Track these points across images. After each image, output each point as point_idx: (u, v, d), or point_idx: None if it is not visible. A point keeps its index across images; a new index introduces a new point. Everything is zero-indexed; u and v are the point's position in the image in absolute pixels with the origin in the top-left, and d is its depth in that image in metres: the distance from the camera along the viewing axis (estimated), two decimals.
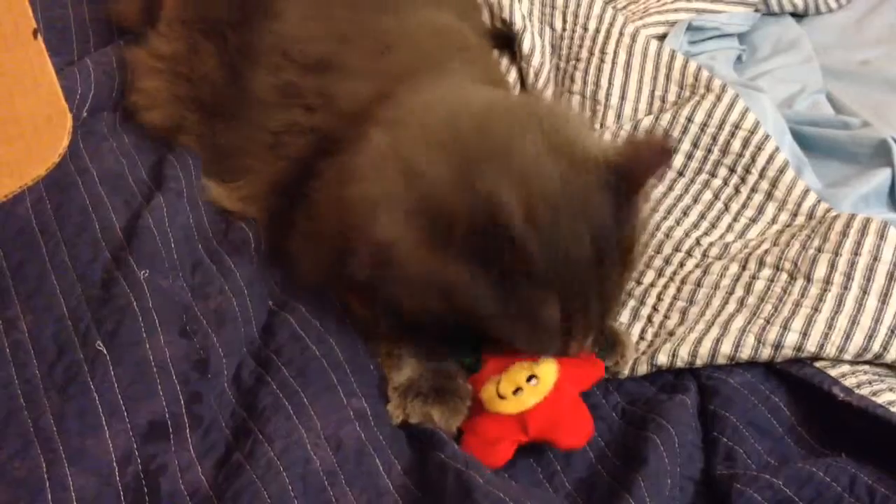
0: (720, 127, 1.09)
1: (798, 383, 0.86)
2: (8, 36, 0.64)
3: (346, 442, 0.75)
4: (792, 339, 0.86)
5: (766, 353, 0.86)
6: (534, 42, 1.23)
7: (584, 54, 1.21)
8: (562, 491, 0.79)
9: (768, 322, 0.88)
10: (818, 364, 0.86)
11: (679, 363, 0.88)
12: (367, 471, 0.74)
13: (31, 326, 0.78)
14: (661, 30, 1.30)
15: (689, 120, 1.10)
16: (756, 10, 1.37)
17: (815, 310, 0.87)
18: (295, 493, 0.71)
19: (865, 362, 0.87)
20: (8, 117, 0.64)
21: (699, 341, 0.88)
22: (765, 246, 0.99)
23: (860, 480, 0.75)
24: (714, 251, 1.02)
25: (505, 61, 1.24)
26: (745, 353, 0.86)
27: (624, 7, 1.35)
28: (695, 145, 1.10)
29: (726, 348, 0.87)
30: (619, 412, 0.86)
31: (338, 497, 0.72)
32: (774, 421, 0.84)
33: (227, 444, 0.76)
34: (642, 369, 0.89)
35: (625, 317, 0.96)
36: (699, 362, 0.87)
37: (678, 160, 1.10)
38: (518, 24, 1.23)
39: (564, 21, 1.26)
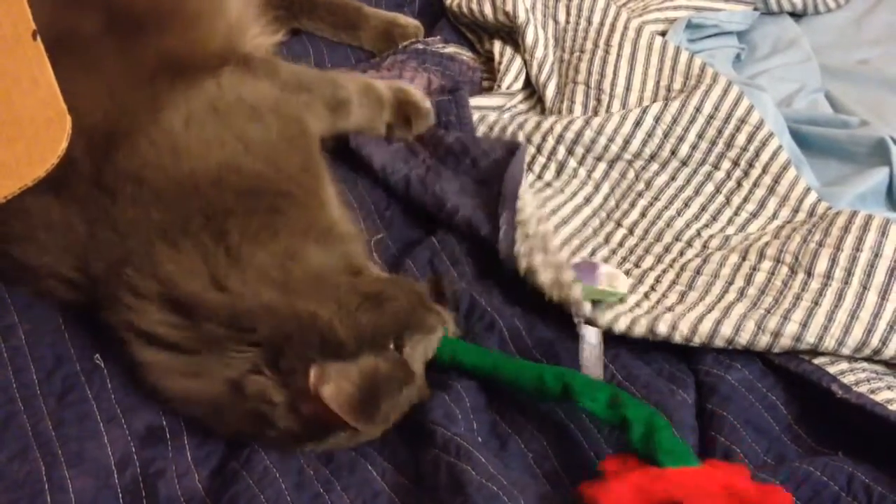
0: (726, 120, 1.10)
1: (795, 381, 0.86)
2: (7, 38, 0.63)
3: (337, 455, 0.77)
4: (791, 328, 0.86)
5: (764, 340, 0.86)
6: (537, 34, 1.24)
7: (589, 46, 1.21)
8: (560, 487, 0.79)
9: (768, 312, 0.88)
10: (817, 361, 0.86)
11: (678, 337, 0.88)
12: (361, 478, 0.75)
13: (29, 335, 0.78)
14: (660, 27, 1.30)
15: (698, 110, 1.10)
16: (755, 9, 1.37)
17: (815, 303, 0.88)
18: (291, 499, 0.72)
19: (864, 359, 0.87)
20: (7, 119, 0.64)
21: (700, 319, 0.88)
22: (765, 238, 1.00)
23: (857, 479, 0.76)
24: (714, 242, 1.02)
25: (508, 53, 1.25)
26: (744, 338, 0.86)
27: (624, 4, 1.36)
28: (700, 136, 1.10)
29: (726, 330, 0.87)
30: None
31: (334, 501, 0.72)
32: (772, 419, 0.84)
33: (223, 454, 0.77)
34: (640, 331, 0.89)
35: (622, 289, 0.96)
36: (697, 340, 0.88)
37: (683, 149, 1.10)
38: (521, 17, 1.24)
39: (568, 14, 1.26)
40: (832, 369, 0.85)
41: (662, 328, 0.88)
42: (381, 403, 0.74)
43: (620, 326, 0.89)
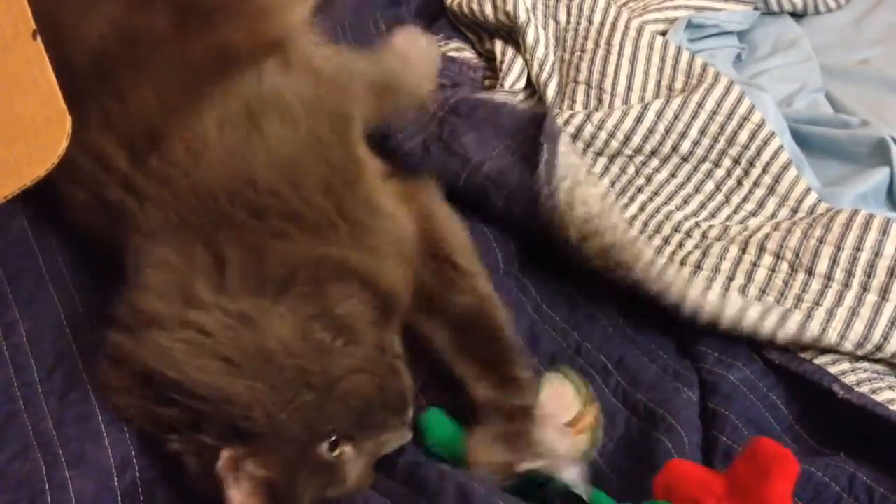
0: (729, 117, 1.10)
1: (796, 381, 0.86)
2: (7, 37, 0.63)
3: None
4: (796, 317, 0.87)
5: (771, 321, 0.87)
6: (538, 34, 1.24)
7: (590, 45, 1.21)
8: None
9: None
10: (818, 361, 0.86)
11: (687, 305, 0.88)
12: None
13: (29, 332, 0.78)
14: (660, 27, 1.30)
15: (700, 106, 1.10)
16: (756, 9, 1.37)
17: (816, 304, 0.89)
18: None
19: (865, 359, 0.87)
20: (7, 118, 0.64)
21: (703, 297, 0.89)
22: (765, 230, 1.00)
23: (859, 480, 0.76)
24: (714, 232, 1.03)
25: (510, 53, 1.25)
26: (752, 316, 0.87)
27: (624, 4, 1.36)
28: (702, 132, 1.10)
29: (731, 311, 0.88)
30: (621, 397, 0.86)
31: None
32: (773, 419, 0.84)
33: None
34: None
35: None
36: (706, 312, 0.88)
37: (684, 146, 1.10)
38: (522, 17, 1.24)
39: (569, 14, 1.26)
40: (833, 369, 0.85)
41: (670, 297, 0.89)
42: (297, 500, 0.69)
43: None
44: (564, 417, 0.81)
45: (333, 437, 0.71)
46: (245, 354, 0.70)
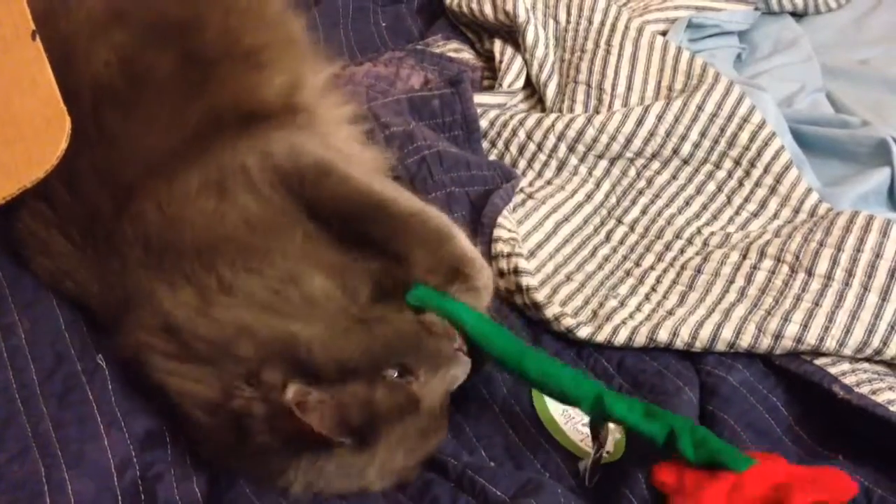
0: (729, 118, 1.09)
1: (796, 382, 0.86)
2: (7, 38, 0.63)
3: None
4: (792, 329, 0.86)
5: (765, 342, 0.86)
6: (537, 34, 1.24)
7: (590, 46, 1.21)
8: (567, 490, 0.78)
9: (769, 313, 0.88)
10: (818, 362, 0.86)
11: (679, 343, 0.88)
12: None
13: (28, 334, 0.78)
14: (661, 27, 1.30)
15: (700, 109, 1.10)
16: (756, 9, 1.37)
17: (816, 304, 0.88)
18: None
19: (865, 359, 0.87)
20: (7, 119, 0.64)
21: (700, 324, 0.89)
22: (766, 237, 1.00)
23: (858, 481, 0.75)
24: (715, 240, 1.02)
25: (509, 52, 1.25)
26: (745, 341, 0.87)
27: (624, 4, 1.36)
28: (703, 135, 1.10)
29: (727, 334, 0.87)
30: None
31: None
32: (772, 421, 0.84)
33: None
34: (640, 340, 0.89)
35: (623, 291, 0.97)
36: (699, 345, 0.88)
37: (685, 148, 1.10)
38: (522, 16, 1.24)
39: (569, 14, 1.26)
40: (833, 370, 0.85)
41: (663, 335, 0.89)
42: (377, 428, 0.72)
43: (620, 339, 0.90)
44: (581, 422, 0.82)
45: (399, 368, 0.74)
46: (293, 304, 0.75)
